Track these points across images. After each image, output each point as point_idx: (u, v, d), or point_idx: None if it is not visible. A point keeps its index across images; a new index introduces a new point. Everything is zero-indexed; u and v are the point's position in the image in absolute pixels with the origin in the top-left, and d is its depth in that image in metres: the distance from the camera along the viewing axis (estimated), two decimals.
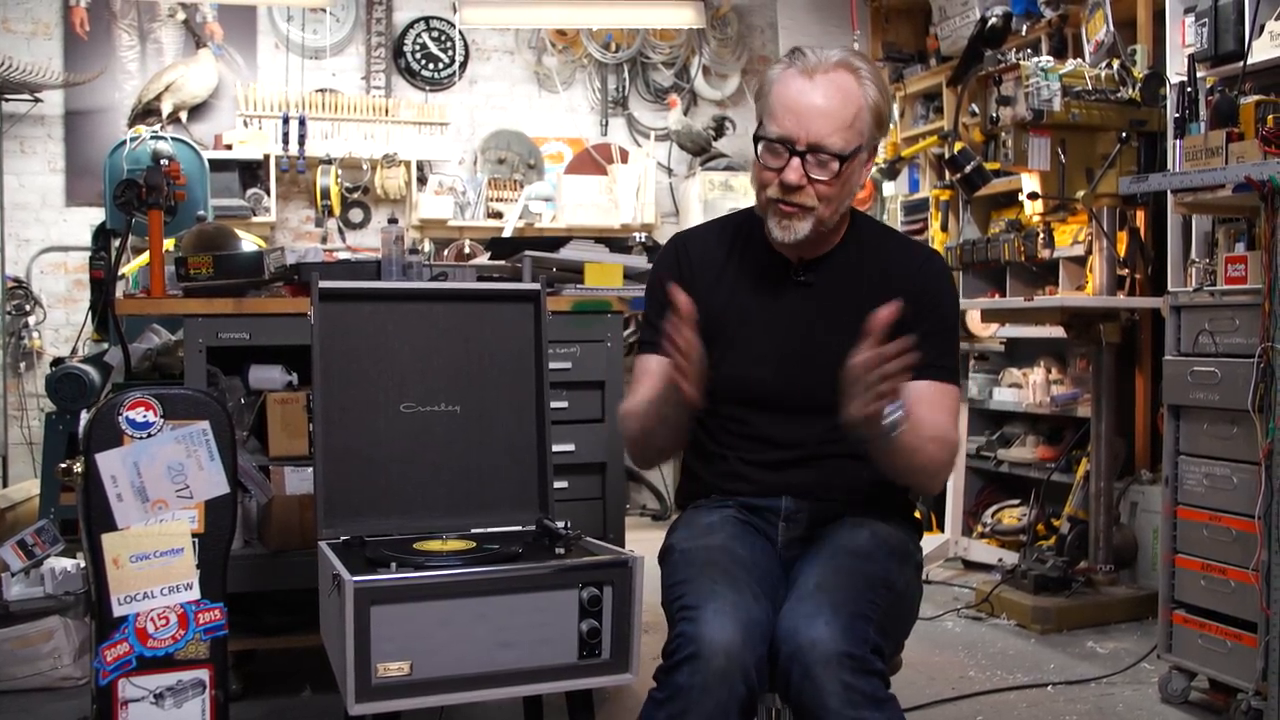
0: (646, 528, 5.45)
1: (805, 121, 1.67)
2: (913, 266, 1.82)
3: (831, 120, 1.67)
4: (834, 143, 1.68)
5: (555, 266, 3.02)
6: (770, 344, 1.81)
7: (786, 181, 1.69)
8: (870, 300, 1.74)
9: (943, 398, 1.76)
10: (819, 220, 1.73)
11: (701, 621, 1.52)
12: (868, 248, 1.84)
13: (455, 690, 1.68)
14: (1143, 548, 3.79)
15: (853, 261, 1.83)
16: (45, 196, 5.48)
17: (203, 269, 2.80)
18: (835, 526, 1.76)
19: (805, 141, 1.67)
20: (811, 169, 1.69)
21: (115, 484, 2.00)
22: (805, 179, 1.69)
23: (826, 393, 1.74)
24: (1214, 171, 2.66)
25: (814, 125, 1.67)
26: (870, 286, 1.79)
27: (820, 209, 1.72)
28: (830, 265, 1.82)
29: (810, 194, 1.70)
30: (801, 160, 1.68)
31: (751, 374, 1.81)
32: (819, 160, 1.68)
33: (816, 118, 1.67)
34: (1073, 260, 4.14)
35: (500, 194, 5.78)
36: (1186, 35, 3.40)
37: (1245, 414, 2.57)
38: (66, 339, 5.36)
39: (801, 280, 1.82)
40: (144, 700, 2.00)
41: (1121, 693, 2.99)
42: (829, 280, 1.82)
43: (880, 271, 1.81)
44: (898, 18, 5.57)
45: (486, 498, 2.05)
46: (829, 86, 1.68)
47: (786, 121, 1.68)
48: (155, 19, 5.57)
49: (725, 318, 1.82)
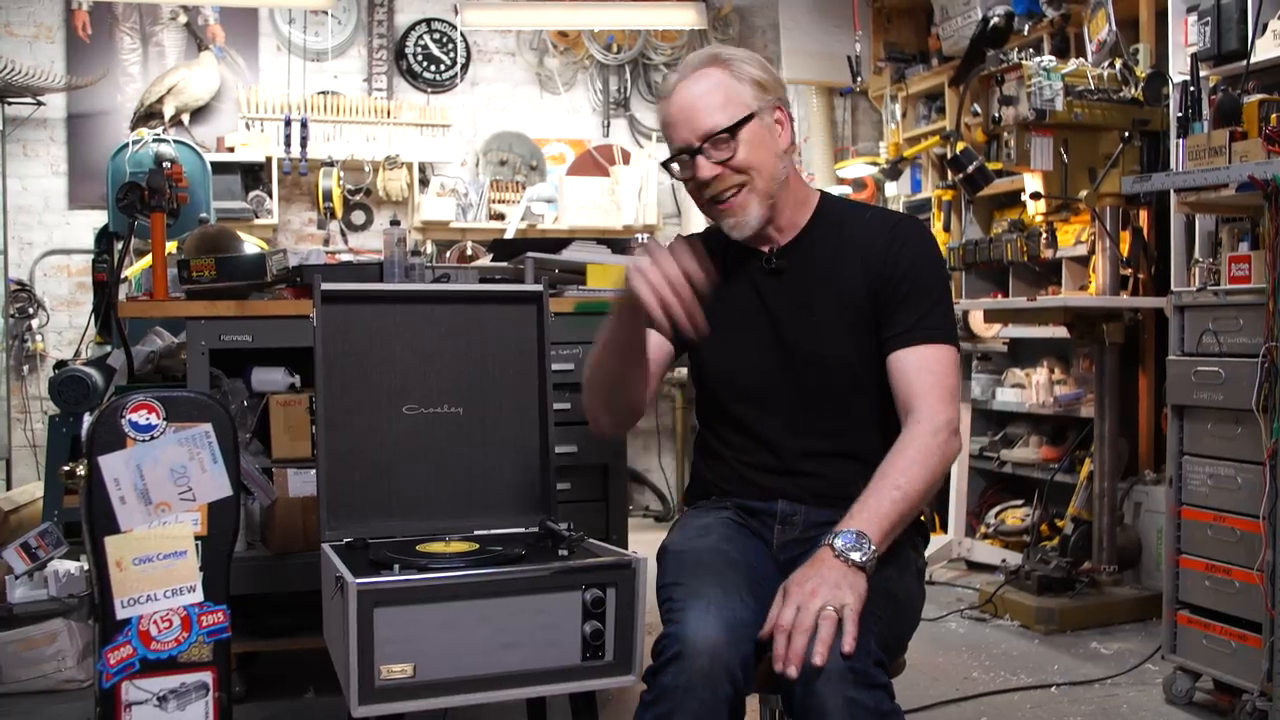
0: (650, 529, 5.45)
1: (688, 121, 1.73)
2: (883, 232, 1.80)
3: (707, 106, 1.73)
4: (719, 120, 1.72)
5: (557, 268, 3.02)
6: (749, 335, 1.82)
7: (702, 178, 1.74)
8: (848, 276, 1.78)
9: (931, 362, 1.71)
10: (760, 195, 1.75)
11: (686, 622, 1.51)
12: (836, 225, 1.83)
13: (458, 692, 1.68)
14: (1146, 548, 3.79)
15: (821, 240, 1.82)
16: (48, 199, 5.48)
17: (205, 271, 2.80)
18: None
19: (696, 136, 1.73)
20: (713, 155, 1.73)
21: (118, 486, 2.00)
22: (715, 167, 1.73)
23: (806, 381, 1.78)
24: (1217, 171, 2.66)
25: (695, 119, 1.73)
26: (843, 262, 1.79)
27: (752, 182, 1.75)
28: (799, 248, 1.83)
29: (729, 176, 1.74)
30: (703, 155, 1.73)
31: (738, 366, 1.82)
32: (715, 143, 1.72)
33: (695, 112, 1.73)
34: (1075, 260, 4.14)
35: (502, 195, 5.78)
36: (1189, 34, 3.39)
37: (1249, 414, 2.57)
38: (69, 342, 5.37)
39: (773, 267, 1.82)
40: (147, 703, 2.00)
41: (1126, 694, 2.98)
42: (799, 262, 1.82)
43: (851, 245, 1.80)
44: (899, 18, 5.57)
45: (489, 499, 2.05)
46: (697, 82, 1.75)
47: (676, 132, 1.75)
48: (157, 22, 5.57)
49: (715, 311, 1.80)
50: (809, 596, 1.48)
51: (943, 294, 1.78)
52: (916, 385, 1.69)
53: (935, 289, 1.77)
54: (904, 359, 1.72)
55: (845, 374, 1.78)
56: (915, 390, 1.69)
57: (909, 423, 1.68)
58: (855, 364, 1.77)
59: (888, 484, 1.61)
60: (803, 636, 1.45)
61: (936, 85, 5.07)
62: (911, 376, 1.70)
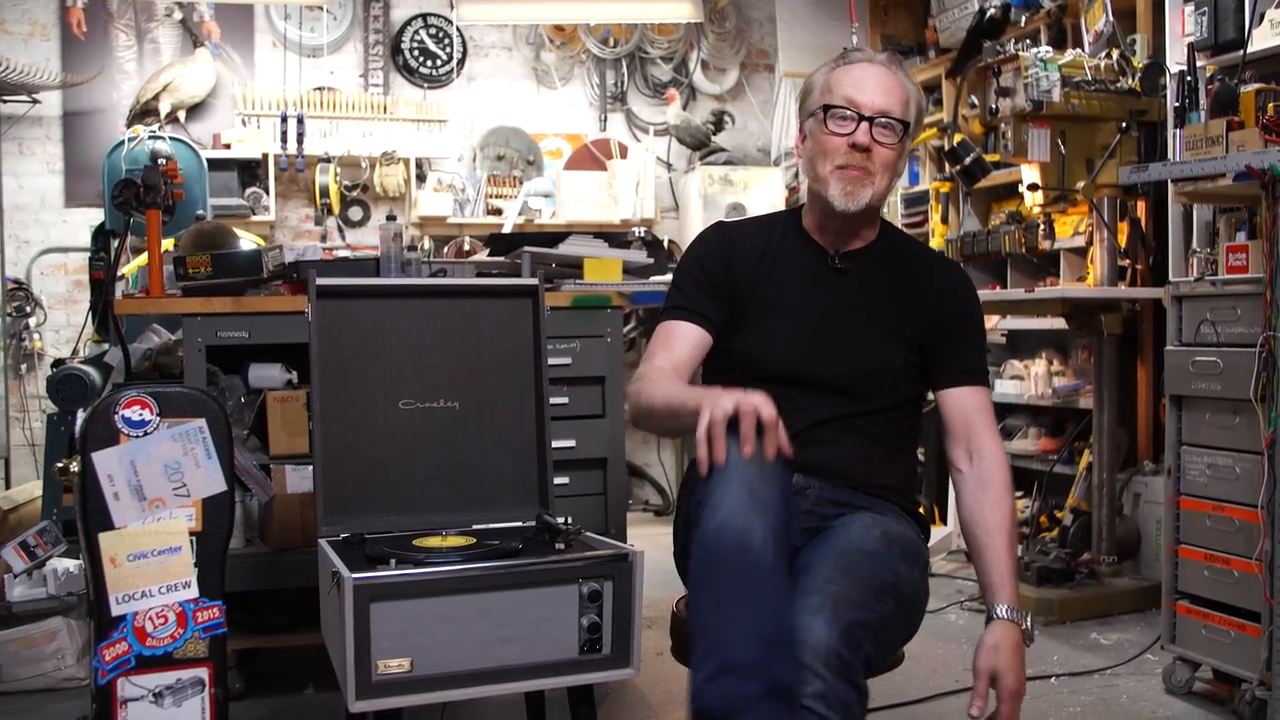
0: (649, 523, 5.44)
1: (870, 93, 1.80)
2: (952, 275, 1.96)
3: (893, 94, 1.81)
4: (897, 111, 1.80)
5: (554, 262, 3.01)
6: (802, 324, 1.86)
7: (858, 143, 1.79)
8: (902, 294, 1.89)
9: (988, 403, 1.89)
10: (875, 193, 1.83)
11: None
12: (898, 248, 1.95)
13: (456, 686, 1.68)
14: (1145, 539, 3.79)
15: (885, 257, 1.92)
16: (44, 198, 5.47)
17: (201, 268, 2.79)
18: (848, 522, 1.75)
19: (871, 109, 1.79)
20: (878, 133, 1.80)
21: (112, 483, 1.99)
22: (873, 142, 1.80)
23: (846, 375, 1.84)
24: (1214, 160, 2.65)
25: (878, 97, 1.80)
26: (902, 282, 1.90)
27: (879, 179, 1.82)
28: (865, 257, 1.91)
29: (875, 159, 1.80)
30: (870, 125, 1.79)
31: (777, 351, 1.85)
32: (885, 124, 1.80)
33: (880, 91, 1.80)
34: (1073, 251, 4.13)
35: (499, 190, 5.77)
36: (1186, 24, 3.39)
37: (1247, 403, 2.56)
38: (67, 340, 5.35)
39: (839, 268, 1.90)
40: (143, 699, 2.00)
41: (1125, 684, 2.98)
42: (864, 271, 1.90)
43: (911, 270, 1.92)
44: (896, 10, 5.56)
45: (486, 494, 2.05)
46: (885, 70, 1.83)
47: (852, 92, 1.80)
48: (152, 19, 5.55)
49: (762, 296, 1.88)
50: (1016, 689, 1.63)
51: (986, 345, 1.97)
52: (979, 424, 1.86)
53: (984, 339, 1.95)
54: (967, 396, 1.87)
55: (883, 378, 1.87)
56: (980, 428, 1.86)
57: (980, 458, 1.84)
58: (895, 372, 1.87)
59: (1000, 536, 1.77)
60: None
61: (934, 77, 5.05)
62: (974, 415, 1.86)
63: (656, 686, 2.91)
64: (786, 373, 1.83)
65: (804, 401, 1.81)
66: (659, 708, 2.80)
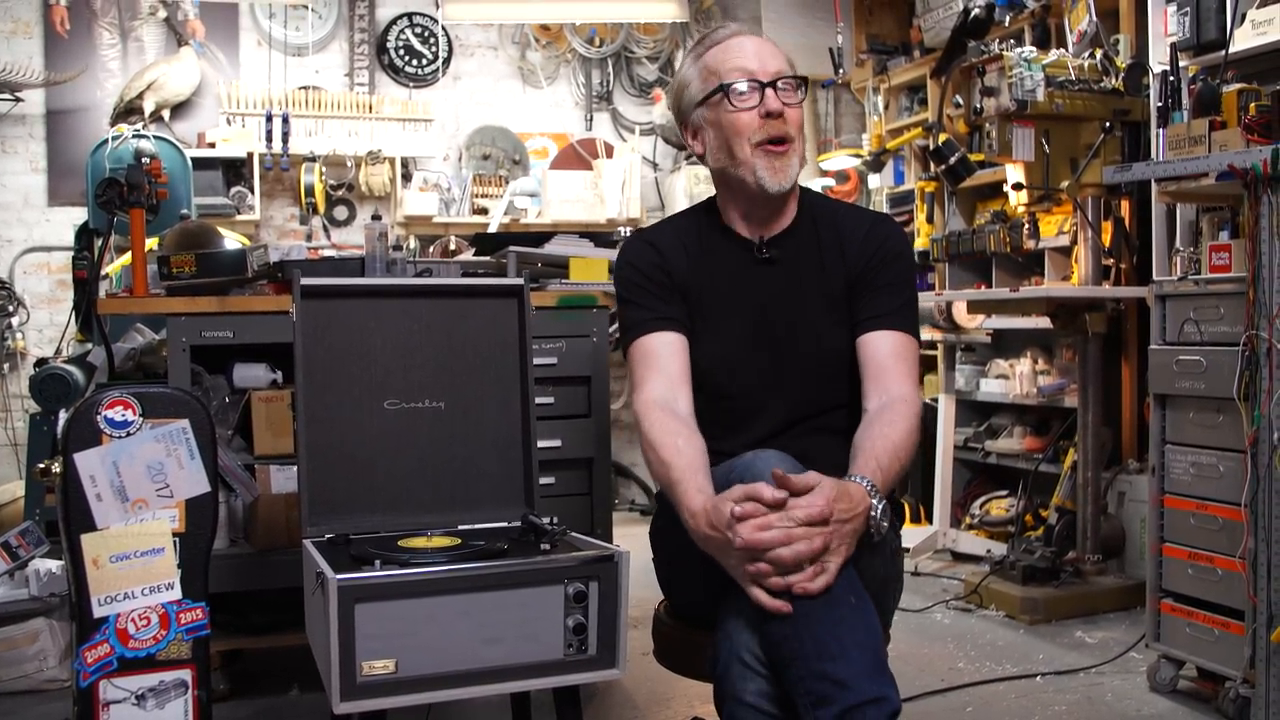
0: (635, 523, 5.44)
1: (760, 59, 1.78)
2: (864, 226, 1.87)
3: (778, 55, 1.80)
4: (789, 70, 1.79)
5: (540, 261, 3.01)
6: (744, 321, 1.84)
7: (771, 110, 1.76)
8: (832, 269, 1.84)
9: (903, 350, 1.80)
10: (800, 162, 1.80)
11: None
12: (821, 220, 1.89)
13: (441, 688, 1.68)
14: (1130, 537, 3.80)
15: (810, 234, 1.87)
16: (27, 196, 5.44)
17: (185, 268, 2.78)
18: None
19: (766, 74, 1.77)
20: (783, 95, 1.77)
21: (94, 484, 1.98)
22: (783, 105, 1.77)
23: (798, 365, 1.81)
24: (1197, 160, 2.66)
25: (769, 61, 1.78)
26: (829, 256, 1.85)
27: (797, 144, 1.79)
28: (790, 240, 1.87)
29: (790, 123, 1.77)
30: (774, 90, 1.76)
31: (731, 352, 1.83)
32: (786, 85, 1.78)
33: (767, 55, 1.79)
34: (1058, 251, 4.15)
35: (485, 190, 5.76)
36: (1169, 24, 3.40)
37: (1231, 402, 2.57)
38: (50, 339, 5.32)
39: (766, 257, 1.85)
40: (125, 701, 1.98)
41: (1110, 682, 2.99)
42: (791, 254, 1.86)
43: (836, 240, 1.86)
44: (881, 9, 5.56)
45: (471, 494, 2.04)
46: (758, 37, 1.83)
47: (742, 62, 1.78)
48: (136, 17, 5.53)
49: (704, 300, 1.85)
50: (835, 536, 1.51)
51: (913, 294, 1.86)
52: (894, 369, 1.77)
53: (908, 287, 1.85)
54: (878, 341, 1.79)
55: (834, 361, 1.83)
56: (890, 372, 1.76)
57: (880, 393, 1.74)
58: (842, 352, 1.82)
59: (882, 440, 1.66)
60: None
61: (918, 77, 5.06)
62: (884, 360, 1.77)
63: (642, 687, 2.91)
64: (735, 388, 1.83)
65: (760, 411, 1.81)
66: (645, 708, 2.80)
